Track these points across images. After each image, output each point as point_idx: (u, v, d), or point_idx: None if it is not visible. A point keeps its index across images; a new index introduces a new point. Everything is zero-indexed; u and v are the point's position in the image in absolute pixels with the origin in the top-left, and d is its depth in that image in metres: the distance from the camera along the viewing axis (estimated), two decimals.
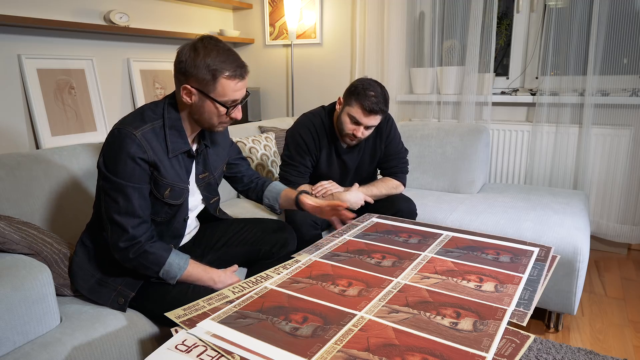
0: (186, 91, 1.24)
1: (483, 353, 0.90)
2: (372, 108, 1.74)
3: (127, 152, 1.19)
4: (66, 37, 2.35)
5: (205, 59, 1.20)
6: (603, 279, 2.38)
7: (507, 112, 2.86)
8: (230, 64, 1.22)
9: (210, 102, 1.25)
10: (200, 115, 1.28)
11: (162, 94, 2.84)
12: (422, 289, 1.18)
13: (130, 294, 1.29)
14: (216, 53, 1.21)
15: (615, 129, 2.54)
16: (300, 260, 1.37)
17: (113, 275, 1.32)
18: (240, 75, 1.25)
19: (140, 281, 1.32)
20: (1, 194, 1.46)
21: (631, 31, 2.45)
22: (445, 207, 2.20)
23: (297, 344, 0.93)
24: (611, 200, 2.62)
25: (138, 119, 1.24)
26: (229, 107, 1.26)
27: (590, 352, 1.68)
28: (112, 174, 1.20)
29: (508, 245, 1.48)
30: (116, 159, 1.20)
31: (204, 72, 1.20)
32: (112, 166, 1.20)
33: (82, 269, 1.33)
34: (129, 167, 1.20)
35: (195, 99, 1.25)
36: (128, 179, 1.20)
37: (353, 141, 1.85)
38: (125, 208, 1.22)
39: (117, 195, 1.21)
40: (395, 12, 2.91)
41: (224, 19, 3.49)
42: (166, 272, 1.26)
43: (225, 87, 1.23)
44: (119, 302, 1.29)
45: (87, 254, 1.34)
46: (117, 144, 1.20)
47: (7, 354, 1.05)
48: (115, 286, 1.31)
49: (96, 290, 1.31)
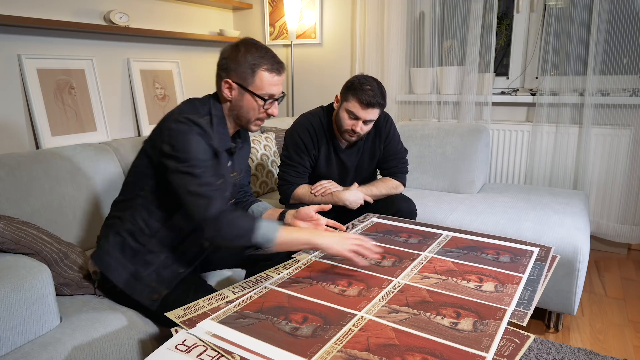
0: (227, 85, 1.32)
1: (483, 353, 0.90)
2: (369, 101, 1.74)
3: (197, 136, 1.24)
4: (66, 37, 2.35)
5: (246, 55, 1.29)
6: (603, 279, 2.38)
7: (507, 112, 2.86)
8: (269, 59, 1.31)
9: (249, 95, 1.32)
10: (239, 109, 1.35)
11: (162, 94, 2.84)
12: (422, 289, 1.18)
13: (164, 290, 1.30)
14: (255, 50, 1.31)
15: (615, 129, 2.54)
16: (300, 260, 1.37)
17: (147, 270, 1.31)
18: (277, 70, 1.33)
19: (175, 280, 1.32)
20: (1, 194, 1.46)
21: (631, 31, 2.45)
22: (445, 207, 2.20)
23: (297, 344, 0.93)
24: (611, 200, 2.62)
25: (194, 112, 1.29)
26: (266, 99, 1.33)
27: (590, 352, 1.68)
28: (184, 153, 1.22)
29: (508, 245, 1.48)
30: (186, 141, 1.23)
31: (244, 67, 1.29)
32: (183, 147, 1.22)
33: (116, 260, 1.31)
34: (201, 147, 1.24)
35: (235, 94, 1.33)
36: (201, 156, 1.24)
37: (352, 137, 1.85)
38: (207, 180, 1.23)
39: (197, 171, 1.22)
40: (395, 12, 2.91)
41: (224, 19, 3.49)
42: (263, 235, 1.23)
43: (263, 80, 1.31)
44: (152, 299, 1.29)
45: (121, 245, 1.32)
46: (187, 129, 1.23)
47: (7, 354, 1.05)
48: (149, 282, 1.30)
49: (131, 284, 1.30)
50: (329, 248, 1.24)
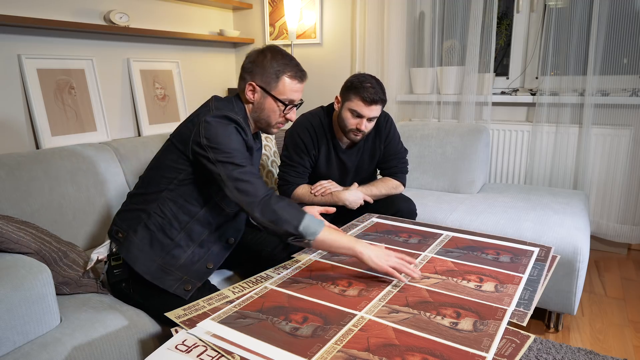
0: (251, 88, 1.38)
1: (483, 353, 0.90)
2: (372, 98, 1.75)
3: (235, 130, 1.30)
4: (66, 37, 2.35)
5: (272, 61, 1.37)
6: (603, 279, 2.38)
7: (507, 112, 2.86)
8: (293, 67, 1.39)
9: (271, 99, 1.38)
10: (260, 112, 1.41)
11: (162, 94, 2.84)
12: (422, 289, 1.18)
13: (197, 283, 1.32)
14: (281, 57, 1.38)
15: (615, 129, 2.54)
16: (300, 260, 1.37)
17: (176, 265, 1.33)
18: (300, 77, 1.40)
19: (206, 275, 1.35)
20: (1, 194, 1.46)
21: (631, 31, 2.45)
22: (445, 207, 2.20)
23: (297, 344, 0.93)
24: (611, 200, 2.62)
25: (231, 109, 1.37)
26: (287, 105, 1.39)
27: (590, 352, 1.68)
28: (225, 145, 1.27)
29: (508, 245, 1.48)
30: (226, 134, 1.28)
31: (269, 72, 1.36)
32: (223, 140, 1.27)
33: (143, 252, 1.32)
34: (240, 141, 1.31)
35: (257, 97, 1.39)
36: (241, 148, 1.30)
37: (358, 136, 1.85)
38: (247, 169, 1.28)
39: (235, 159, 1.27)
40: (395, 12, 2.91)
41: (224, 19, 3.49)
42: (306, 226, 1.24)
43: (286, 86, 1.38)
44: (186, 289, 1.31)
45: (149, 239, 1.34)
46: (226, 123, 1.29)
47: (7, 354, 1.05)
48: (181, 276, 1.33)
49: (159, 275, 1.31)
50: (371, 260, 1.22)
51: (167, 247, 1.34)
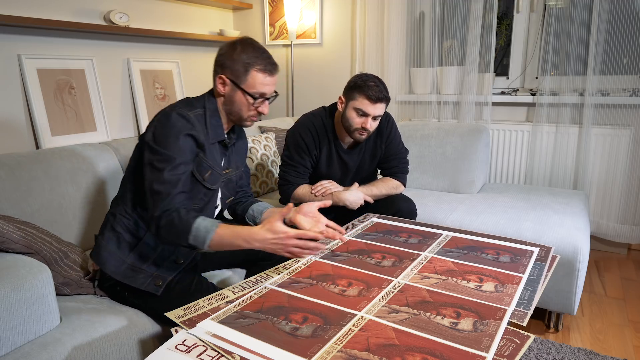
0: (221, 81, 1.36)
1: (483, 353, 0.90)
2: (377, 96, 1.76)
3: (180, 128, 1.28)
4: (66, 37, 2.35)
5: (242, 54, 1.34)
6: (603, 279, 2.38)
7: (507, 112, 2.86)
8: (263, 60, 1.35)
9: (240, 93, 1.36)
10: (231, 105, 1.39)
11: (162, 94, 2.84)
12: (422, 289, 1.18)
13: (167, 277, 1.33)
14: (252, 49, 1.35)
15: (615, 129, 2.54)
16: (300, 260, 1.37)
17: (146, 262, 1.34)
18: (270, 71, 1.37)
19: (176, 270, 1.35)
20: (1, 194, 1.46)
21: (631, 31, 2.45)
22: (445, 207, 2.20)
23: (297, 344, 0.93)
24: (611, 200, 2.62)
25: (187, 105, 1.35)
26: (257, 98, 1.37)
27: (590, 352, 1.68)
28: (162, 147, 1.26)
29: (508, 245, 1.48)
30: (168, 134, 1.27)
31: (239, 65, 1.33)
32: (164, 140, 1.26)
33: (112, 255, 1.34)
34: (180, 142, 1.27)
35: (227, 89, 1.37)
36: (177, 152, 1.27)
37: (363, 135, 1.85)
38: (168, 178, 1.25)
39: (164, 166, 1.25)
40: (395, 12, 2.91)
41: (224, 19, 3.49)
42: (194, 238, 1.22)
43: (255, 79, 1.34)
44: (157, 284, 1.31)
45: (116, 240, 1.35)
46: (171, 122, 1.28)
47: (7, 354, 1.05)
48: (151, 272, 1.33)
49: (130, 275, 1.32)
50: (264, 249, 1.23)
51: (136, 247, 1.35)
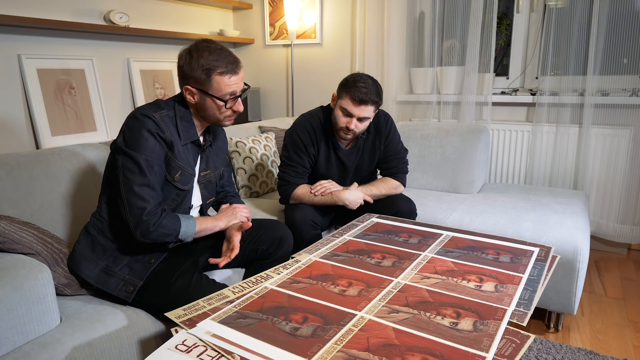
0: (188, 92, 1.35)
1: (483, 353, 0.90)
2: (361, 98, 1.74)
3: (148, 129, 1.28)
4: (66, 37, 2.35)
5: (199, 60, 1.30)
6: (603, 279, 2.38)
7: (507, 112, 2.86)
8: (222, 61, 1.31)
9: (209, 99, 1.35)
10: (204, 111, 1.38)
11: (162, 94, 2.84)
12: (422, 289, 1.18)
13: (138, 282, 1.32)
14: (208, 53, 1.30)
15: (615, 129, 2.54)
16: (300, 260, 1.37)
17: (119, 265, 1.34)
18: (232, 70, 1.33)
19: (147, 271, 1.34)
20: (1, 194, 1.46)
21: (631, 31, 2.45)
22: (445, 207, 2.20)
23: (297, 344, 0.93)
24: (611, 200, 2.62)
25: (154, 106, 1.35)
26: (227, 100, 1.35)
27: (590, 352, 1.68)
28: (132, 149, 1.27)
29: (508, 245, 1.48)
30: (137, 136, 1.28)
31: (199, 73, 1.31)
32: (133, 142, 1.27)
33: (85, 257, 1.34)
34: (150, 143, 1.28)
35: (197, 98, 1.35)
36: (148, 153, 1.28)
37: (348, 135, 1.84)
38: (144, 181, 1.27)
39: (137, 169, 1.27)
40: (395, 12, 2.91)
41: (224, 19, 3.49)
42: (184, 233, 1.35)
43: (220, 83, 1.32)
44: (127, 291, 1.31)
45: (91, 243, 1.36)
46: (138, 124, 1.28)
47: (7, 354, 1.05)
48: (123, 276, 1.33)
49: (103, 279, 1.33)
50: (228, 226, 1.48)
51: (110, 250, 1.36)
